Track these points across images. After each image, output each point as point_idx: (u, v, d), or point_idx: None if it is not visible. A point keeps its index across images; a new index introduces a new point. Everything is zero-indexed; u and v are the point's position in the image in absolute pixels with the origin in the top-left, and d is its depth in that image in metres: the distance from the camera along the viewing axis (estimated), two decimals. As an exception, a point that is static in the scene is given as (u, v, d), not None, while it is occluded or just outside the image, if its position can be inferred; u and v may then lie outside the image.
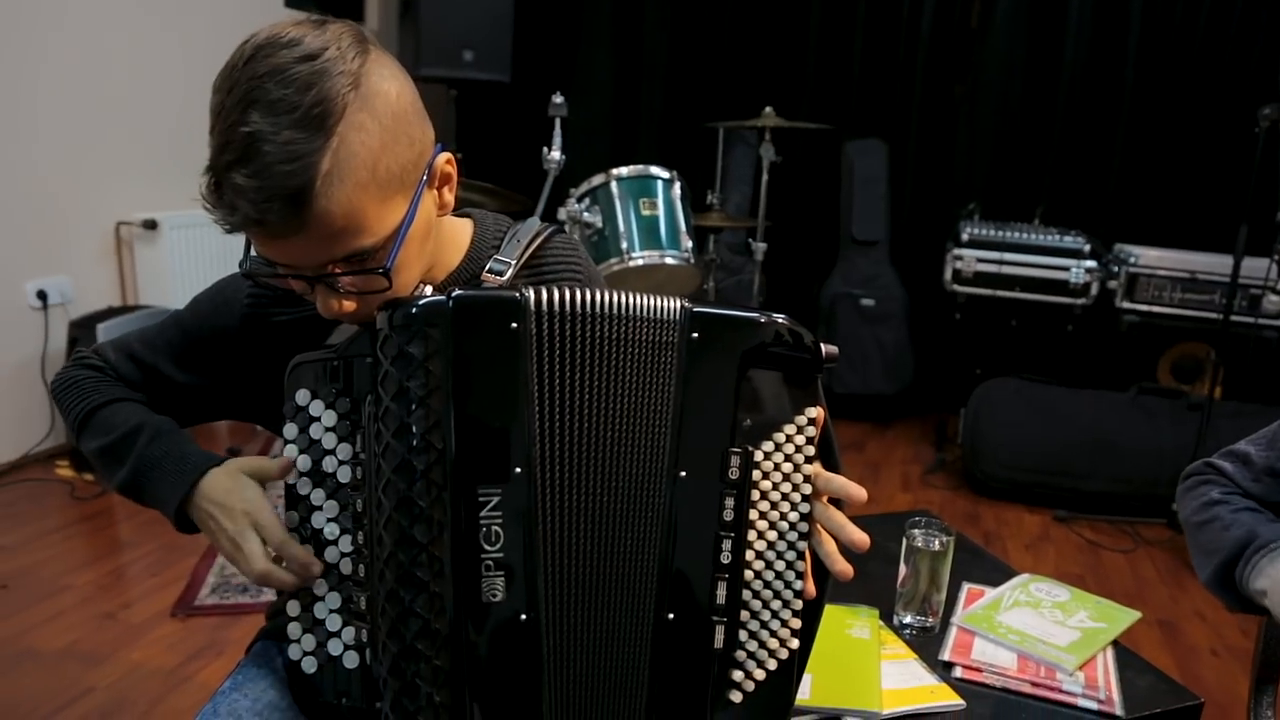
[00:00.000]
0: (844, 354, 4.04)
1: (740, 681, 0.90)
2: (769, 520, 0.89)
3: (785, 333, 0.88)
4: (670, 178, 2.87)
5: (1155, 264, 3.51)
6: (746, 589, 0.89)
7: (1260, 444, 1.11)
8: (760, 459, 0.88)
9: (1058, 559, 2.93)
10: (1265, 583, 1.00)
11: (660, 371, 0.87)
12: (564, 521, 0.86)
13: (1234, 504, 1.09)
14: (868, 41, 4.27)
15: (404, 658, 0.84)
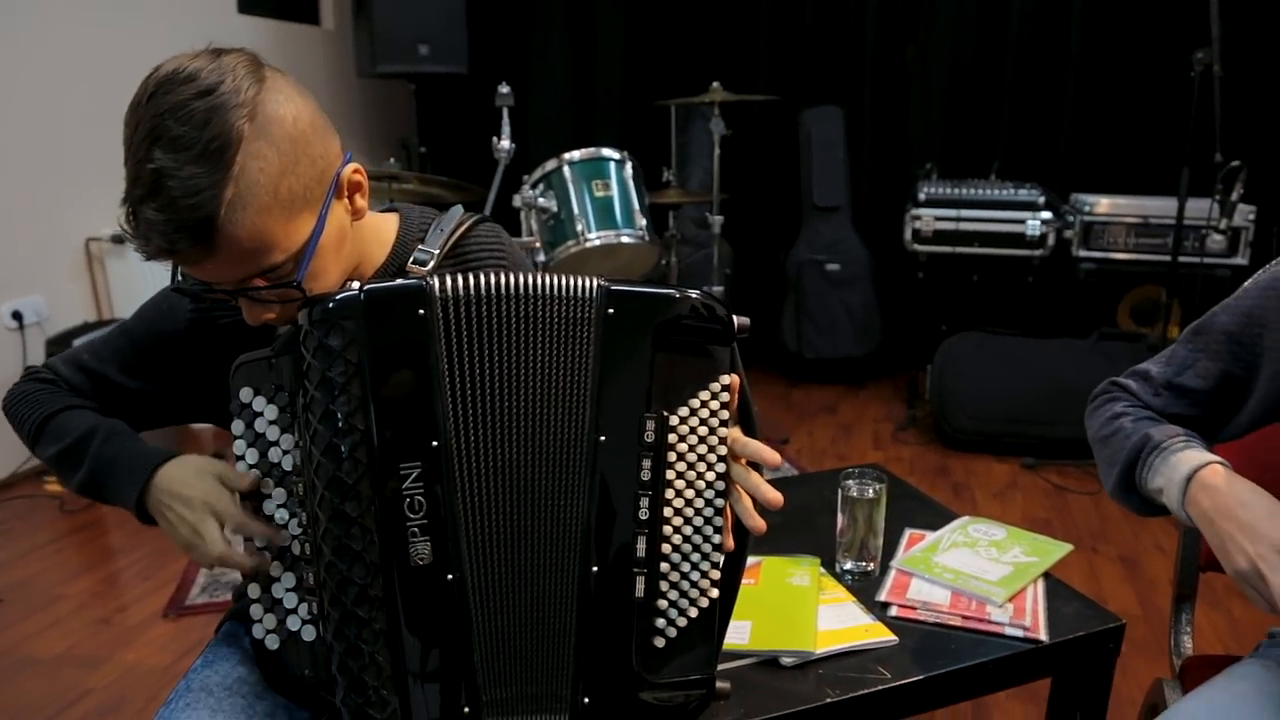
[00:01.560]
0: (812, 319, 4.12)
1: (663, 628, 0.98)
2: (686, 479, 0.96)
3: (698, 306, 0.95)
4: (622, 158, 2.92)
5: (1109, 212, 3.58)
6: (666, 543, 0.97)
7: (1160, 362, 1.17)
8: (676, 423, 0.95)
9: (1025, 505, 3.02)
10: (1160, 480, 1.05)
11: (578, 345, 0.94)
12: (485, 487, 0.94)
13: (1136, 414, 1.14)
14: (818, 10, 4.32)
15: (345, 622, 0.92)
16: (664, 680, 0.99)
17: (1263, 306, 1.06)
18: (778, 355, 4.29)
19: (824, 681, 1.17)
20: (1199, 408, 1.13)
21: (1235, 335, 1.09)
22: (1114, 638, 1.31)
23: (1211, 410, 1.13)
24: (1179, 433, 1.08)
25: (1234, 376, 1.10)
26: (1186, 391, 1.13)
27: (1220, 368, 1.11)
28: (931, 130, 4.26)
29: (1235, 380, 1.10)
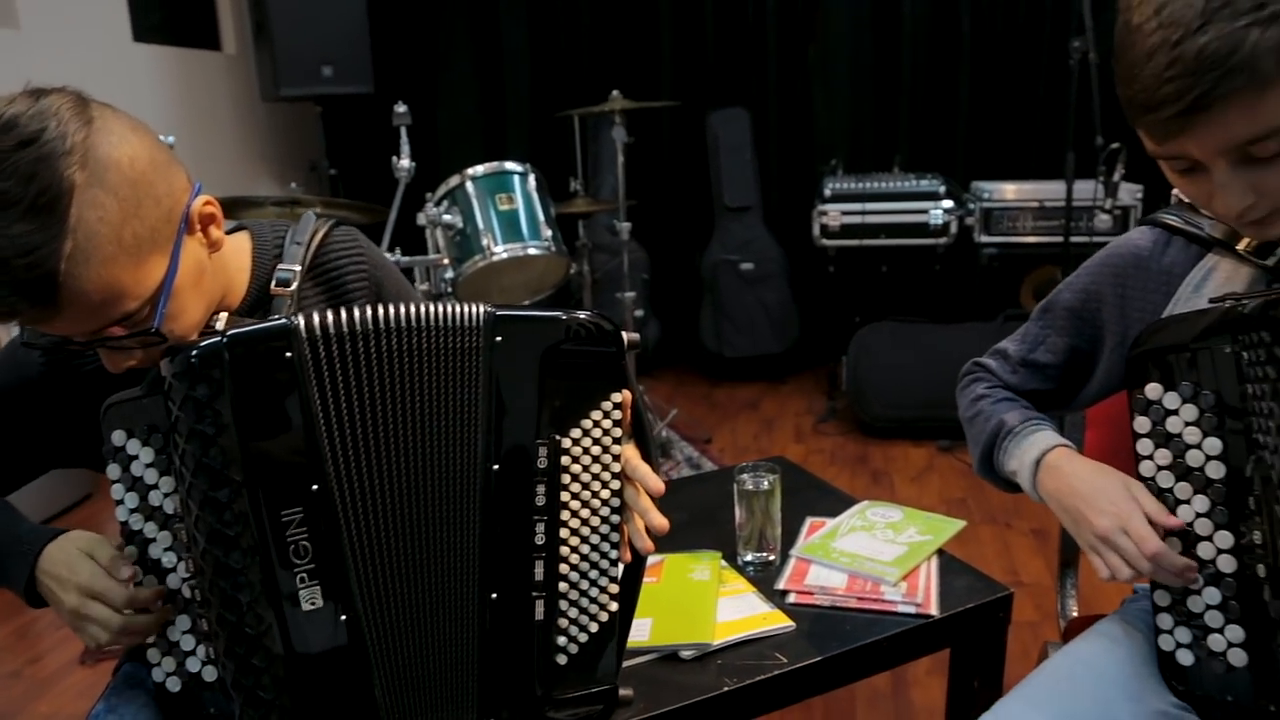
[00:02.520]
0: (730, 319, 4.17)
1: (564, 646, 1.00)
2: (581, 500, 0.98)
3: (587, 327, 0.96)
4: (525, 170, 2.94)
5: (1006, 198, 3.70)
6: (564, 563, 0.98)
7: (1015, 339, 1.23)
8: (569, 445, 0.96)
9: (942, 486, 3.10)
10: (1014, 464, 1.12)
11: (467, 375, 0.94)
12: (374, 524, 0.93)
13: (995, 396, 1.20)
14: (718, 14, 4.38)
15: (243, 673, 0.92)
16: (568, 696, 1.01)
17: (1098, 283, 1.13)
18: (699, 356, 4.35)
19: (723, 671, 1.19)
20: (1052, 381, 1.20)
21: (1077, 311, 1.16)
22: (1003, 607, 1.36)
23: (1064, 382, 1.20)
24: (1031, 417, 1.15)
25: (1080, 350, 1.17)
26: (1039, 367, 1.20)
27: (1067, 343, 1.18)
28: (835, 127, 4.35)
29: (1081, 353, 1.17)
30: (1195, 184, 0.91)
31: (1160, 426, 0.96)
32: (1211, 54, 0.78)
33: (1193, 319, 0.93)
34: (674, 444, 3.49)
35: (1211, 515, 0.93)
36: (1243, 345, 0.88)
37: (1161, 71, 0.80)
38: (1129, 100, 0.86)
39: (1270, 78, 0.79)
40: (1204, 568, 0.94)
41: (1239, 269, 1.00)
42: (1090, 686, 1.03)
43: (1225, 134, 0.82)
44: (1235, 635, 0.93)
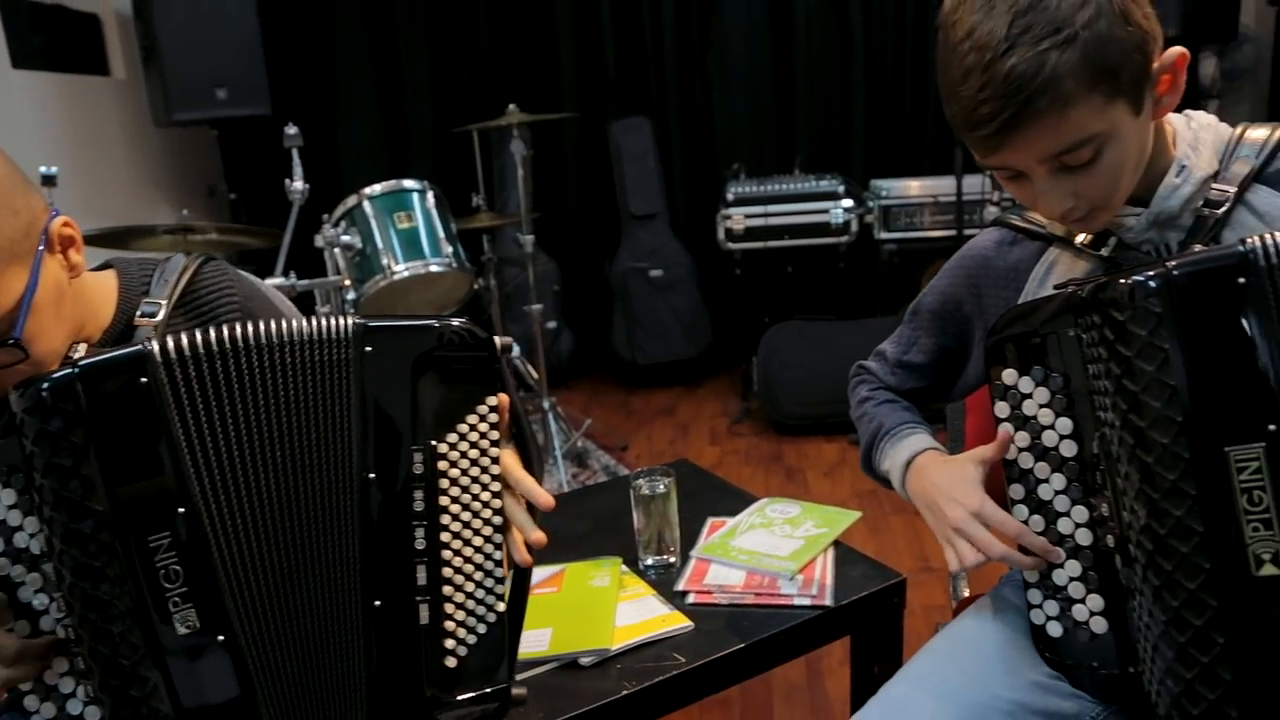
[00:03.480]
0: (642, 326, 4.20)
1: (453, 649, 1.00)
2: (461, 503, 0.99)
3: (458, 334, 0.97)
4: (423, 188, 2.93)
5: (904, 194, 3.80)
6: (447, 567, 0.99)
7: (893, 341, 1.29)
8: (445, 450, 0.97)
9: (853, 479, 3.16)
10: (888, 464, 1.18)
11: (337, 386, 0.94)
12: (248, 541, 0.93)
13: (877, 399, 1.26)
14: (616, 25, 4.40)
15: (119, 705, 0.90)
16: (459, 698, 1.00)
17: (954, 285, 1.20)
18: (613, 364, 4.36)
19: (622, 675, 1.20)
20: (927, 378, 1.26)
21: (939, 313, 1.22)
22: (897, 592, 1.40)
23: (938, 378, 1.26)
24: (907, 420, 1.21)
25: (948, 348, 1.23)
26: (914, 367, 1.26)
27: (936, 342, 1.24)
28: (736, 132, 4.41)
29: (950, 350, 1.23)
30: (1022, 189, 0.98)
31: (1018, 410, 1.00)
32: (1018, 76, 0.84)
33: (1039, 306, 0.98)
34: (590, 453, 3.49)
35: (1068, 492, 0.97)
36: (1082, 328, 0.93)
37: (976, 93, 0.87)
38: (952, 117, 0.93)
39: (1072, 96, 0.86)
40: (1064, 542, 0.98)
41: (1077, 261, 1.07)
42: (969, 663, 1.07)
43: (1038, 148, 0.90)
44: (1096, 604, 0.97)
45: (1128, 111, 0.91)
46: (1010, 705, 1.02)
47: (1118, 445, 0.89)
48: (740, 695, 2.11)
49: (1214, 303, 0.84)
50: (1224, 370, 0.83)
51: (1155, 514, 0.86)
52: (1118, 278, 0.87)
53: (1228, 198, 0.99)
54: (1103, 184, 0.94)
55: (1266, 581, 0.82)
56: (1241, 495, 0.83)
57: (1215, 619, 0.83)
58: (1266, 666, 0.83)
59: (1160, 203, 1.00)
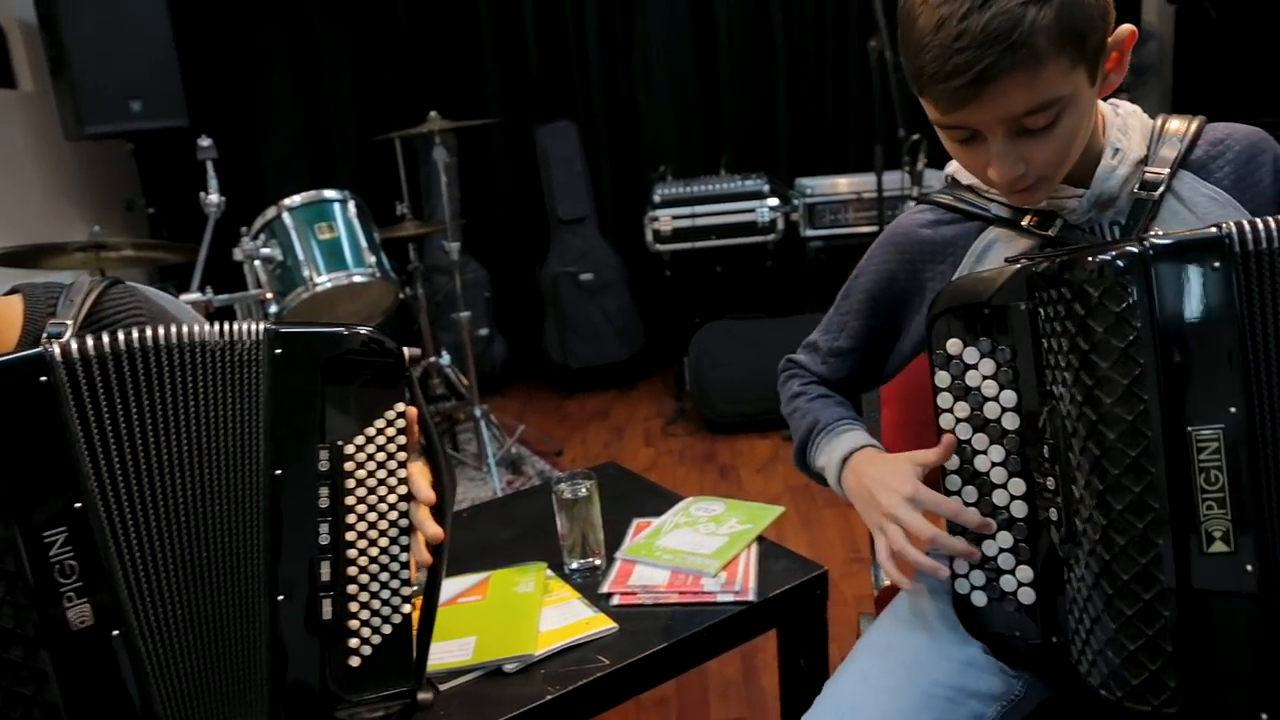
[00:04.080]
0: (574, 330, 4.20)
1: (357, 647, 1.00)
2: (367, 503, 1.01)
3: (367, 341, 1.00)
4: (343, 198, 2.89)
5: (827, 191, 3.86)
6: (352, 565, 1.00)
7: (821, 330, 1.29)
8: (352, 451, 1.00)
9: (786, 474, 3.20)
10: (823, 460, 1.18)
11: (246, 386, 0.97)
12: (148, 535, 0.94)
13: (810, 393, 1.26)
14: (539, 29, 4.39)
15: (9, 705, 0.89)
16: (363, 697, 1.01)
17: (888, 262, 1.20)
18: (547, 370, 4.35)
19: (547, 680, 1.20)
20: (859, 365, 1.26)
21: (872, 292, 1.22)
22: (819, 585, 1.42)
23: (870, 362, 1.26)
24: (843, 416, 1.21)
25: (879, 329, 1.23)
26: (846, 353, 1.26)
27: (866, 325, 1.24)
28: (662, 134, 4.43)
29: (880, 332, 1.23)
30: (973, 153, 1.00)
31: (959, 381, 1.01)
32: (995, 30, 0.86)
33: (989, 278, 0.98)
34: (525, 459, 3.48)
35: (1006, 464, 0.99)
36: (1039, 302, 0.94)
37: (950, 43, 0.88)
38: (919, 70, 0.94)
39: (1045, 54, 0.88)
40: (997, 514, 0.99)
41: (1019, 240, 1.09)
42: (908, 654, 1.08)
43: (1005, 105, 0.91)
44: (1025, 575, 0.99)
45: (1086, 80, 0.95)
46: (950, 691, 1.04)
47: (1075, 420, 0.90)
48: (677, 694, 2.12)
49: (1186, 284, 0.86)
50: (1192, 351, 0.85)
51: (1113, 489, 0.88)
52: (1087, 254, 0.89)
53: (1162, 179, 1.04)
54: (1054, 151, 0.97)
55: (1215, 558, 0.85)
56: (1200, 474, 0.85)
57: (1163, 593, 0.86)
58: (1207, 639, 0.85)
59: (1100, 184, 1.04)
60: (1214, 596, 0.85)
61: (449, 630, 1.30)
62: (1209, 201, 1.05)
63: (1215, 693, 0.86)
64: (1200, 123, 1.09)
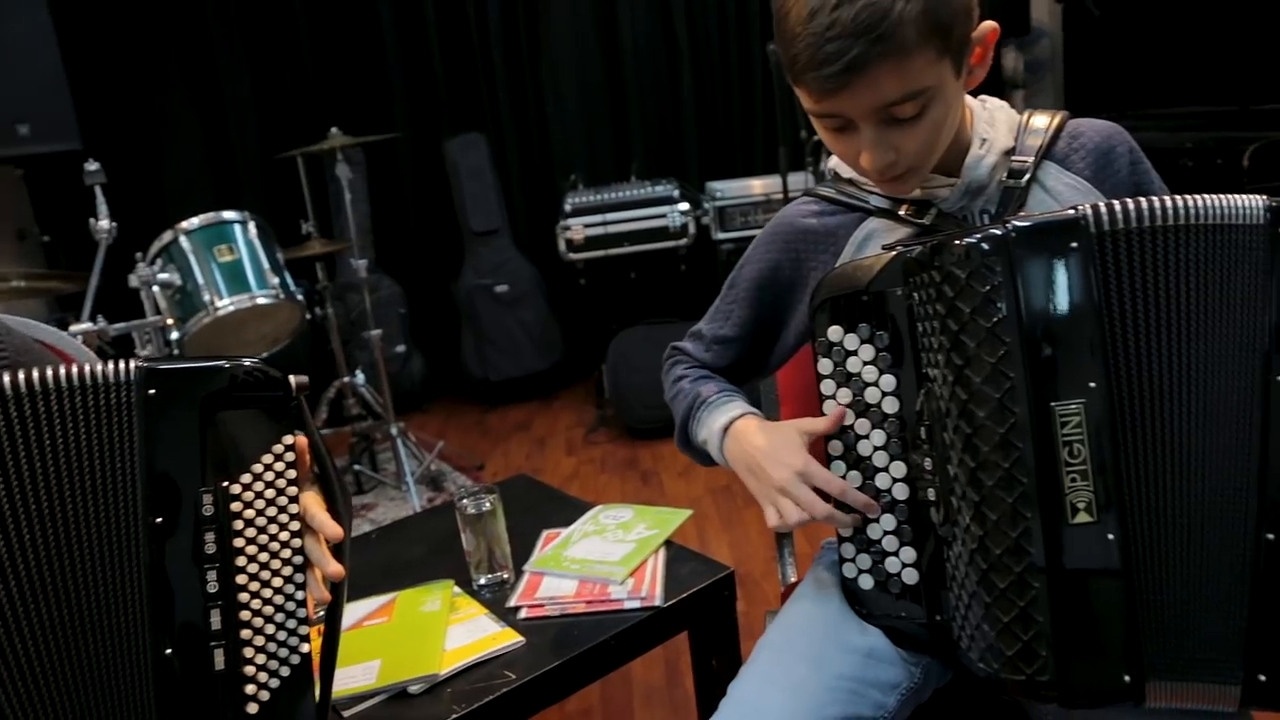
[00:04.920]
0: (492, 343, 4.17)
1: (254, 694, 0.96)
2: (258, 544, 0.96)
3: (250, 373, 0.95)
4: (243, 218, 2.83)
5: (736, 194, 3.91)
6: (245, 610, 0.95)
7: (707, 319, 1.31)
8: (239, 490, 0.95)
9: (707, 476, 3.22)
10: (704, 433, 1.18)
11: (119, 431, 0.92)
12: (18, 596, 0.88)
13: (693, 375, 1.27)
14: (443, 42, 4.36)
15: None
16: None
17: (773, 252, 1.22)
18: (467, 384, 4.32)
19: (453, 699, 1.19)
20: (744, 353, 1.27)
21: (757, 282, 1.23)
22: (726, 586, 1.43)
23: (754, 351, 1.28)
24: (722, 388, 1.22)
25: (764, 319, 1.25)
26: (730, 341, 1.27)
27: (753, 314, 1.25)
28: (571, 143, 4.44)
29: (766, 322, 1.25)
30: (846, 142, 1.03)
31: (841, 367, 1.03)
32: (864, 20, 0.90)
33: (867, 265, 1.01)
34: (446, 475, 3.45)
35: (887, 448, 1.01)
36: (913, 287, 0.96)
37: (823, 32, 0.91)
38: (793, 59, 0.96)
39: (912, 45, 0.92)
40: (880, 497, 1.02)
41: (897, 229, 1.12)
42: (807, 649, 1.08)
43: (875, 94, 0.94)
44: (908, 557, 1.01)
45: (951, 72, 0.98)
46: (852, 683, 1.04)
47: (948, 400, 0.93)
48: (601, 702, 2.12)
49: (1047, 264, 0.88)
50: (1053, 329, 0.88)
51: (984, 466, 0.90)
52: (955, 237, 0.91)
53: (1027, 167, 1.09)
54: (922, 141, 1.00)
55: (1079, 528, 0.88)
56: (1063, 448, 0.87)
57: (1033, 565, 0.88)
58: (1075, 608, 0.88)
59: (969, 172, 1.08)
60: (1079, 566, 0.88)
61: (354, 654, 1.28)
62: (1071, 190, 1.10)
63: (1084, 658, 0.88)
64: (1062, 117, 1.14)
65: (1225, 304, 0.89)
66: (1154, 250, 0.89)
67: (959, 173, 1.09)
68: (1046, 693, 0.90)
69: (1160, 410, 0.89)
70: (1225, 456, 0.89)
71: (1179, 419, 0.89)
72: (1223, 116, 3.31)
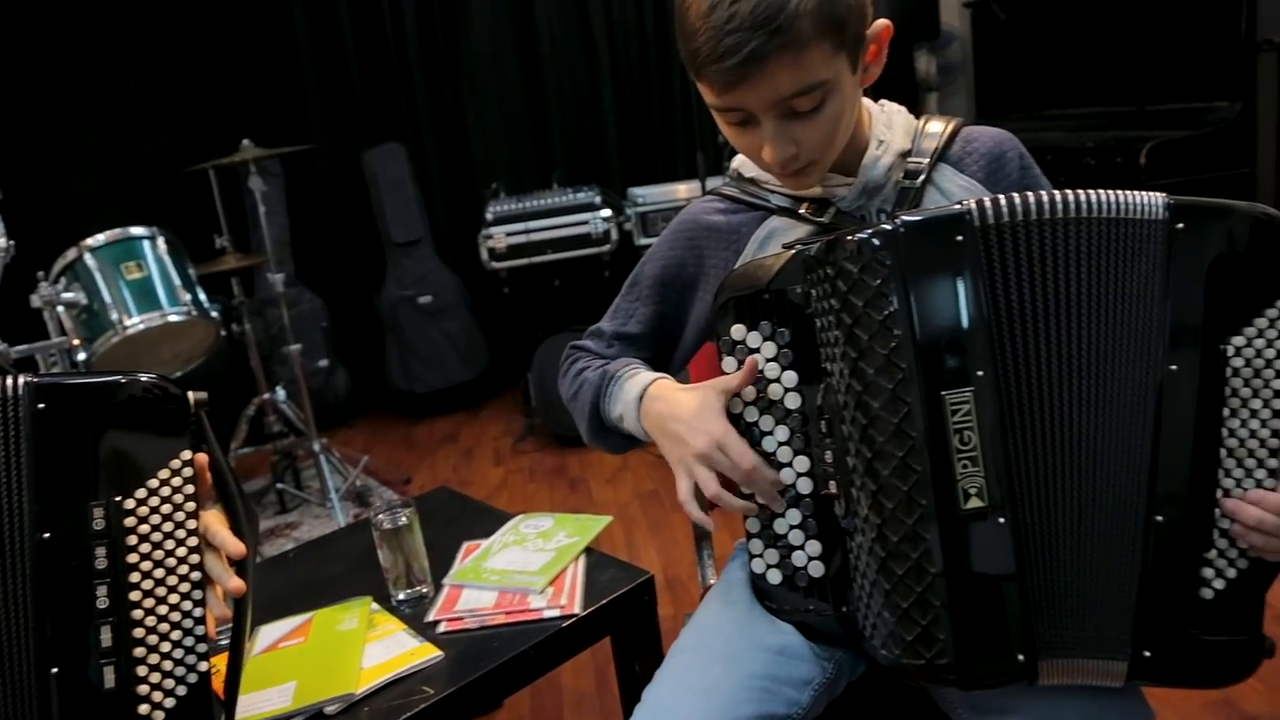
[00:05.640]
0: (417, 355, 4.13)
1: (148, 713, 0.95)
2: (153, 560, 0.95)
3: (147, 389, 0.96)
4: (152, 234, 2.76)
5: (658, 199, 3.93)
6: (138, 627, 0.94)
7: (609, 316, 1.31)
8: (133, 506, 0.94)
9: (635, 482, 3.23)
10: (619, 408, 1.17)
11: (7, 447, 0.91)
12: None
13: (594, 366, 1.25)
14: (360, 53, 4.30)
15: None
16: None
17: (676, 249, 1.24)
18: (392, 398, 4.26)
19: (371, 717, 1.18)
20: (646, 350, 1.28)
21: (660, 279, 1.25)
22: (647, 590, 1.44)
23: (657, 349, 1.28)
24: (629, 362, 1.22)
25: (666, 316, 1.26)
26: (632, 338, 1.27)
27: (655, 311, 1.26)
28: (493, 151, 4.41)
29: (668, 319, 1.26)
30: (748, 137, 1.05)
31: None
32: (761, 14, 0.92)
33: (768, 264, 1.02)
34: (372, 490, 3.40)
35: (791, 443, 1.02)
36: (811, 284, 0.98)
37: (723, 24, 0.93)
38: (694, 53, 0.98)
39: (808, 38, 0.94)
40: (785, 492, 1.03)
41: (797, 227, 1.15)
42: (721, 650, 1.09)
43: (773, 87, 0.97)
44: (814, 550, 1.03)
45: (847, 66, 1.01)
46: (765, 681, 1.05)
47: (845, 393, 0.94)
48: (532, 711, 2.11)
49: (934, 257, 0.91)
50: (941, 320, 0.91)
51: (879, 456, 0.92)
52: (848, 233, 0.93)
53: (923, 168, 1.12)
54: (822, 134, 1.03)
55: (971, 513, 0.90)
56: (954, 436, 0.90)
57: (929, 551, 0.90)
58: (969, 591, 0.91)
59: (866, 172, 1.11)
60: (973, 551, 0.90)
61: (269, 677, 1.26)
62: (964, 191, 1.13)
63: (980, 641, 0.91)
64: (957, 123, 1.18)
65: (1120, 295, 0.92)
66: (1041, 243, 0.92)
67: (857, 173, 1.12)
68: (946, 676, 0.92)
69: (1051, 397, 0.92)
70: (1118, 442, 0.92)
71: (1070, 405, 0.92)
72: (1122, 116, 3.43)
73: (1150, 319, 0.92)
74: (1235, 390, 0.90)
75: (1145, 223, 0.92)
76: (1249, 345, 0.90)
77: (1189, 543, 0.91)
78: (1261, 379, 0.90)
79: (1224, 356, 0.90)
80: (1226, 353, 0.90)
